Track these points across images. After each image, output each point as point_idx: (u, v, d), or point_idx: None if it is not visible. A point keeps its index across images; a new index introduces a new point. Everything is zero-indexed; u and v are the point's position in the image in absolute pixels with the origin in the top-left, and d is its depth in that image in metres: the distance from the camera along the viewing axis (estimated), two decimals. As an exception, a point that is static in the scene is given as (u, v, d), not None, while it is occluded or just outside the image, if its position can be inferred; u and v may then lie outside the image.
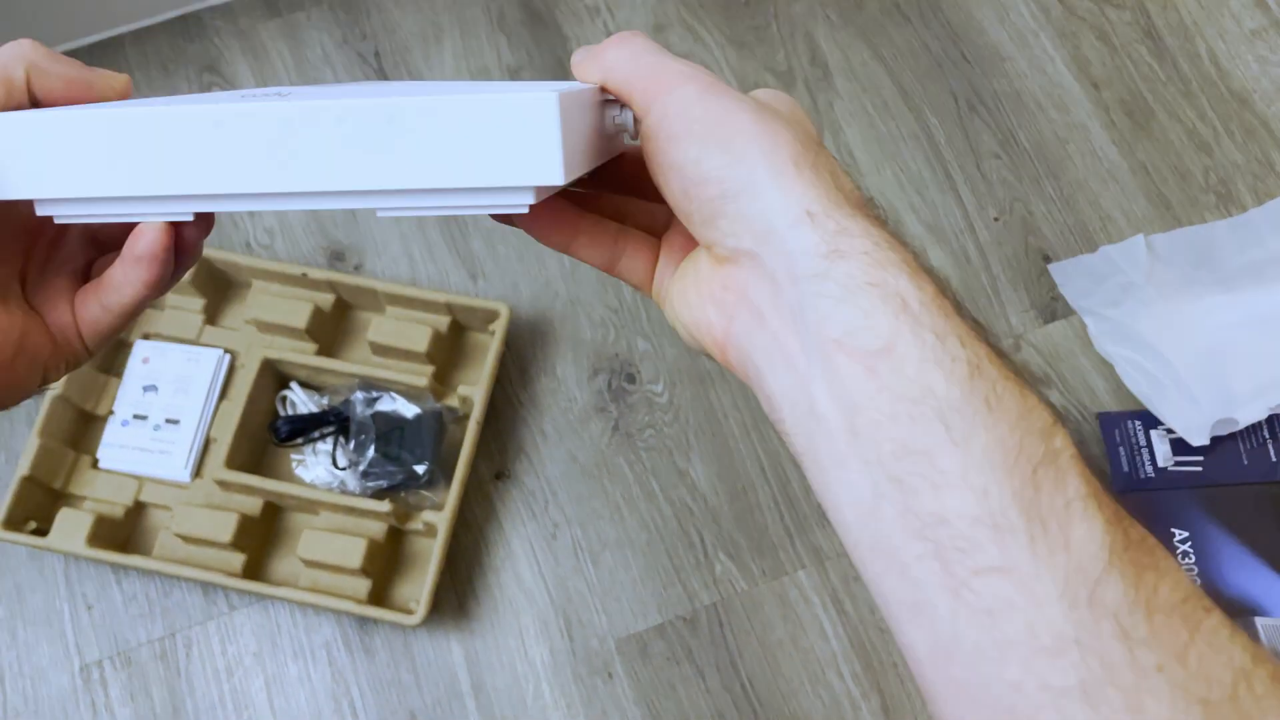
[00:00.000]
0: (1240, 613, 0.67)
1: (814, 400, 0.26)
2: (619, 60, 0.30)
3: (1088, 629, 0.22)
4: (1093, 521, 0.23)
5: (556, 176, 0.25)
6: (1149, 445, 0.73)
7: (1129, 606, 0.22)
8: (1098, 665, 0.22)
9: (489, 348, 0.75)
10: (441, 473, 0.73)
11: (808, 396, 0.26)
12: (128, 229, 0.29)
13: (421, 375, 0.74)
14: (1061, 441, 0.24)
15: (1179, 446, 0.73)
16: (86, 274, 0.33)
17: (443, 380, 0.77)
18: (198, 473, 0.74)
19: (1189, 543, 0.70)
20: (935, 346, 0.25)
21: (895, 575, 0.25)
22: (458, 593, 0.73)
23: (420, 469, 0.72)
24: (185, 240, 0.30)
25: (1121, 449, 0.74)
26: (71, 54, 0.33)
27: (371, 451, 0.72)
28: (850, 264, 0.25)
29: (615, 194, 0.35)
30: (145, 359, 0.77)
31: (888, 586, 0.25)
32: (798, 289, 0.26)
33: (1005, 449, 0.24)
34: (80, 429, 0.76)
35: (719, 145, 0.27)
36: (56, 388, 0.72)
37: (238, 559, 0.71)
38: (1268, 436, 0.73)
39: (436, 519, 0.70)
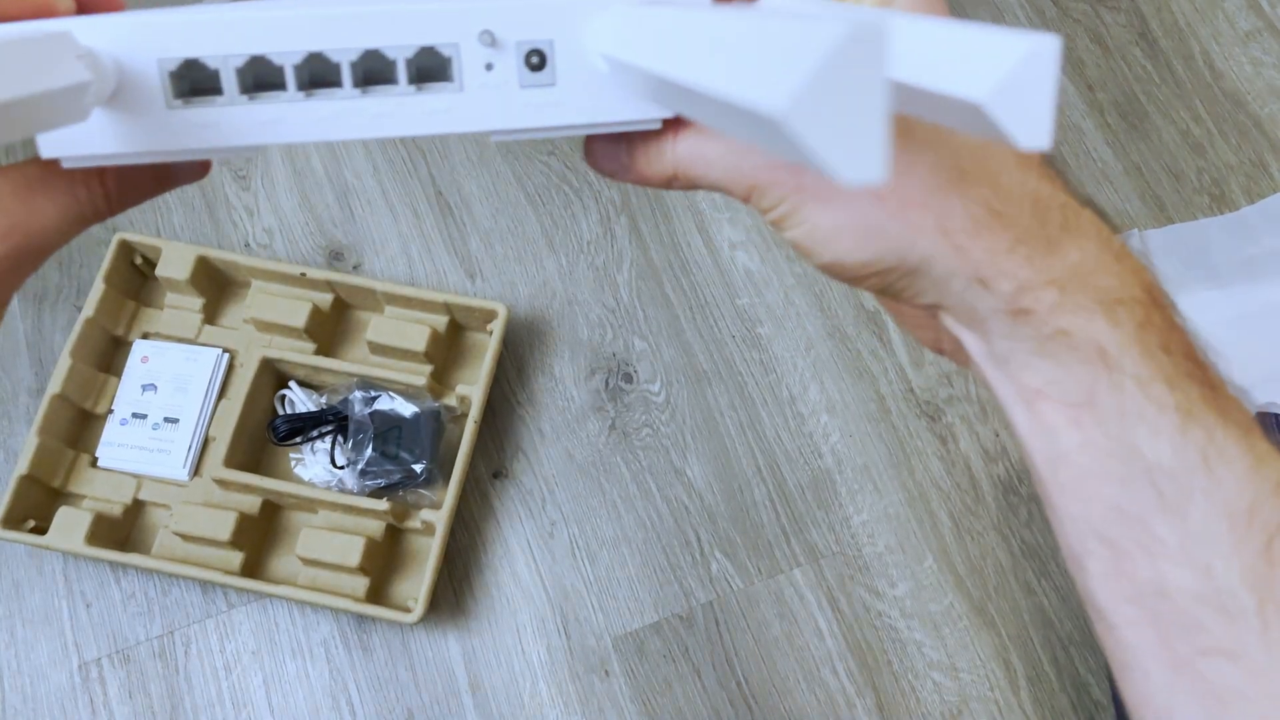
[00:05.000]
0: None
1: (1019, 441, 0.24)
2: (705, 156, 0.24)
3: None
4: None
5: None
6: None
7: None
8: None
9: (487, 347, 0.76)
10: (439, 471, 0.74)
11: (1015, 435, 0.25)
12: None
13: (420, 374, 0.74)
14: None
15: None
16: None
17: (441, 379, 0.78)
18: (197, 471, 0.75)
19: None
20: (1137, 396, 0.22)
21: (1102, 628, 0.23)
22: (455, 591, 0.73)
23: (418, 468, 0.72)
24: None
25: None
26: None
27: (370, 450, 0.72)
28: (1037, 318, 0.23)
29: None
30: (144, 358, 0.77)
31: (1095, 629, 0.24)
32: (991, 343, 0.24)
33: (1231, 516, 0.21)
34: (79, 428, 0.76)
35: (865, 244, 0.24)
36: (55, 386, 0.73)
37: (236, 557, 0.71)
38: (1260, 435, 0.73)
39: (434, 517, 0.70)
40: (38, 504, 0.72)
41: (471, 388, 0.74)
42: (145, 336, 0.78)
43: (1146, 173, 0.86)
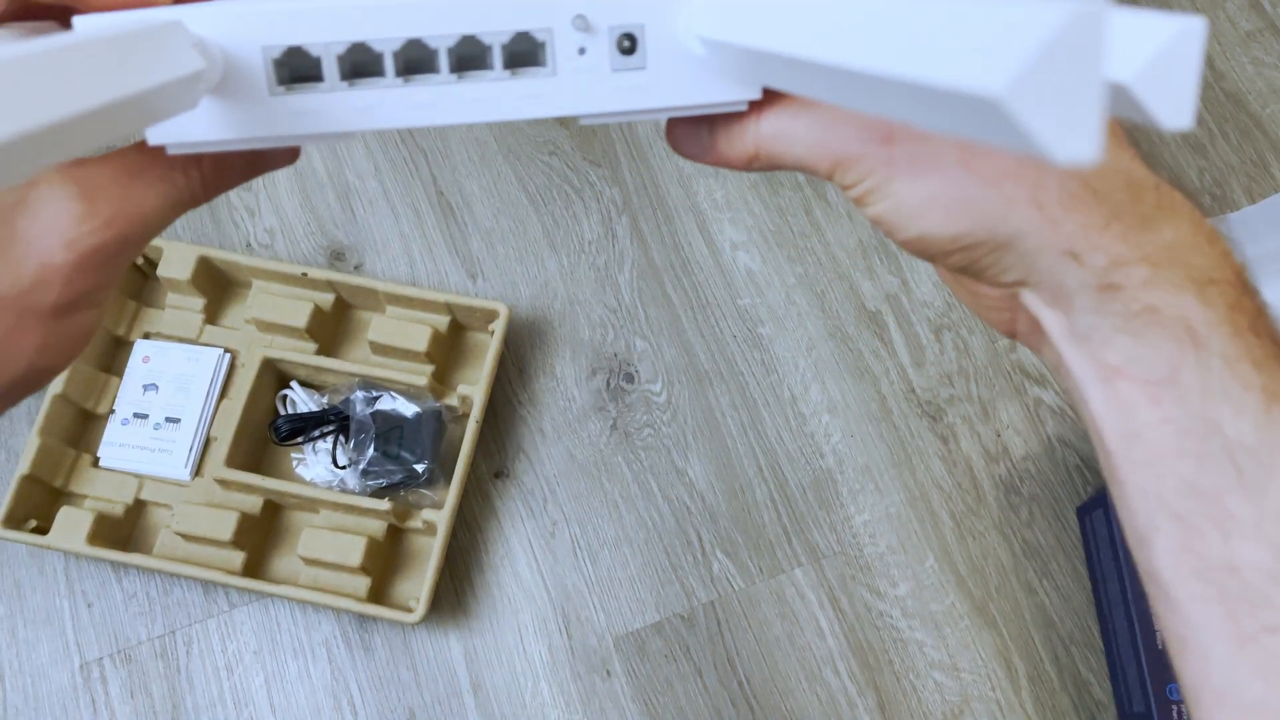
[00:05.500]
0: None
1: (1092, 418, 0.24)
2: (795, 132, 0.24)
3: None
4: None
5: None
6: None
7: None
8: None
9: (488, 347, 0.76)
10: (441, 471, 0.74)
11: (1087, 414, 0.25)
12: None
13: (421, 374, 0.74)
14: None
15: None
16: None
17: (442, 379, 0.78)
18: (198, 471, 0.75)
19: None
20: (1223, 374, 0.22)
21: (1163, 605, 0.24)
22: (457, 591, 0.73)
23: (420, 467, 0.72)
24: None
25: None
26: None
27: (371, 450, 0.72)
28: (1126, 293, 0.23)
29: None
30: (146, 358, 0.77)
31: (1155, 607, 0.24)
32: (1074, 319, 0.24)
33: None
34: (80, 427, 0.76)
35: (955, 217, 0.23)
36: (57, 386, 0.73)
37: (238, 557, 0.71)
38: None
39: (436, 517, 0.70)
40: (39, 504, 0.72)
41: (473, 388, 0.74)
42: (146, 336, 0.78)
43: (1147, 173, 0.86)
